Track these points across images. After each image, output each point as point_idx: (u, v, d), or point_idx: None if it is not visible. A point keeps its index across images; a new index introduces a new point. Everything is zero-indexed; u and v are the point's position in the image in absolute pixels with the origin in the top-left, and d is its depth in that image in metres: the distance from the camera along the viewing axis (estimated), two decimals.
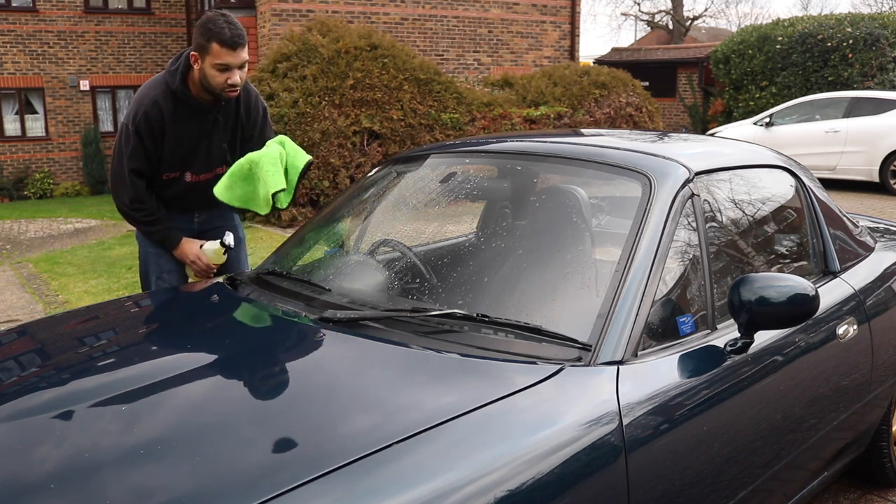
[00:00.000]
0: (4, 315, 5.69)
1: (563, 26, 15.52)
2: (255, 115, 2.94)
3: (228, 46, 2.59)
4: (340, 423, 1.48)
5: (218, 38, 2.58)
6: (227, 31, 2.59)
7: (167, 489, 1.29)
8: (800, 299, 1.84)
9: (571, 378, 1.62)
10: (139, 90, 2.81)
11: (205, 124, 2.81)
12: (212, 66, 2.63)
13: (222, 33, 2.58)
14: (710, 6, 46.93)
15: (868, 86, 14.05)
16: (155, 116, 2.71)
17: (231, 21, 2.63)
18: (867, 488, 2.88)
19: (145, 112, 2.71)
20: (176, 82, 2.70)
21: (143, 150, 2.75)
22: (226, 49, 2.59)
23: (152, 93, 2.74)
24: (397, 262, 2.36)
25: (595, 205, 2.29)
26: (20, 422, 1.57)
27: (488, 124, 10.98)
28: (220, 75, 2.64)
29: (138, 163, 2.76)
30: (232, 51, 2.60)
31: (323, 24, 10.64)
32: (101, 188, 15.57)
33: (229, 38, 2.59)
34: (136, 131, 2.72)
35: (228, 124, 2.87)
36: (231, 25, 2.61)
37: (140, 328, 2.24)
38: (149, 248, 2.97)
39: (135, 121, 2.72)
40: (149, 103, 2.71)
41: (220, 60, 2.61)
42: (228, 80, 2.64)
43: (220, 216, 3.04)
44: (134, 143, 2.74)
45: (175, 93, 2.72)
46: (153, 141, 2.75)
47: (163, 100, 2.72)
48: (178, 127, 2.76)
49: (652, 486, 1.60)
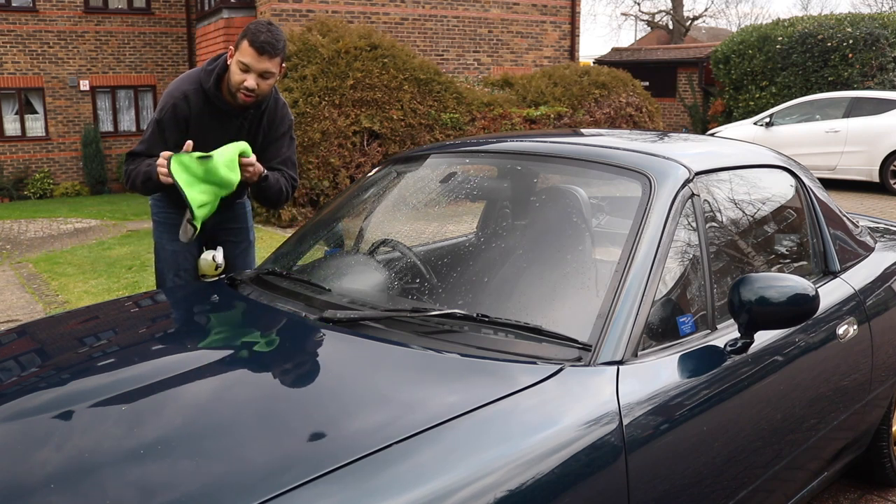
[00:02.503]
0: (4, 315, 5.69)
1: (563, 26, 15.51)
2: (278, 127, 2.93)
3: (255, 48, 2.62)
4: (342, 423, 1.48)
5: (250, 38, 2.62)
6: (261, 35, 2.62)
7: (168, 489, 1.29)
8: (800, 299, 1.84)
9: (571, 378, 1.62)
10: (172, 83, 2.85)
11: (228, 128, 2.82)
12: (236, 63, 2.67)
13: (257, 35, 2.62)
14: (710, 6, 46.96)
15: (868, 86, 14.05)
16: (182, 109, 2.76)
17: (273, 30, 2.66)
18: (867, 488, 2.88)
19: (174, 104, 2.75)
20: (209, 82, 2.74)
21: (161, 139, 2.77)
22: (252, 49, 2.62)
23: (184, 87, 2.78)
24: (397, 262, 2.36)
25: (595, 205, 2.29)
26: (20, 422, 1.57)
27: (488, 124, 10.98)
28: (239, 74, 2.66)
29: (147, 148, 2.78)
30: (257, 54, 2.63)
31: (323, 24, 10.64)
32: (101, 188, 15.56)
33: (260, 41, 2.61)
34: (158, 121, 2.77)
35: (251, 132, 2.88)
36: (270, 33, 2.64)
37: (140, 328, 2.24)
38: (165, 246, 2.99)
39: (161, 112, 2.77)
40: (179, 96, 2.76)
41: (242, 59, 2.64)
42: (245, 82, 2.66)
43: (233, 217, 3.05)
44: (151, 132, 2.79)
45: (206, 92, 2.75)
46: (176, 133, 2.77)
47: (193, 95, 2.76)
48: (202, 125, 2.78)
49: (652, 486, 1.60)
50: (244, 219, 3.11)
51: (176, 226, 2.96)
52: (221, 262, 2.87)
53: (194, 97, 2.76)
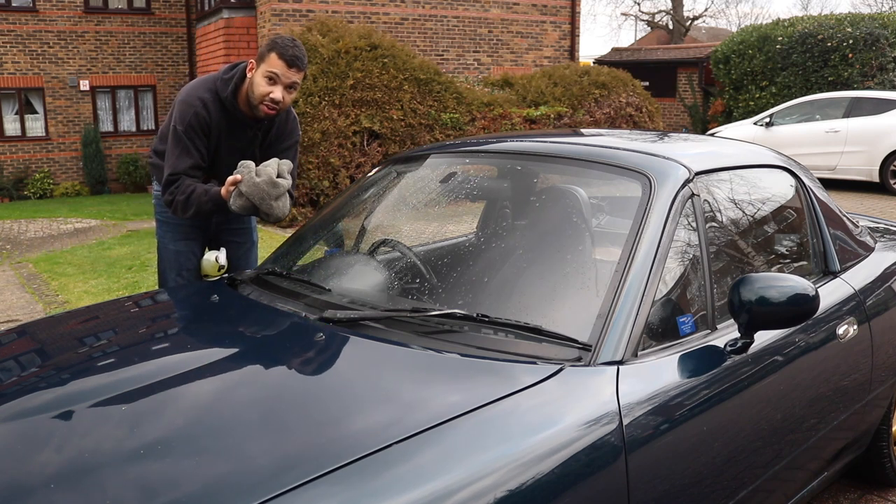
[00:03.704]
0: (4, 315, 5.69)
1: (563, 26, 15.51)
2: (285, 140, 2.93)
3: (285, 60, 2.65)
4: (343, 423, 1.48)
5: (279, 50, 2.66)
6: (290, 50, 2.67)
7: (168, 489, 1.29)
8: (800, 299, 1.84)
9: (571, 378, 1.62)
10: (184, 91, 2.82)
11: (242, 139, 2.83)
12: (262, 75, 2.67)
13: (285, 48, 2.66)
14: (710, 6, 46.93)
15: (868, 86, 14.04)
16: (203, 117, 2.75)
17: (298, 45, 2.71)
18: (867, 488, 2.88)
19: (195, 112, 2.73)
20: (227, 91, 2.74)
21: (196, 149, 2.76)
22: (282, 61, 2.65)
23: (201, 94, 2.76)
24: (397, 262, 2.36)
25: (595, 205, 2.29)
26: (20, 422, 1.57)
27: (488, 124, 10.98)
28: (265, 85, 2.67)
29: (192, 160, 2.76)
30: (287, 66, 2.66)
31: (323, 24, 10.64)
32: (100, 188, 15.56)
33: (290, 54, 2.66)
34: (185, 131, 2.73)
35: (262, 141, 2.89)
36: (296, 48, 2.69)
37: (140, 328, 2.24)
38: (168, 245, 2.99)
39: (184, 122, 2.73)
40: (199, 104, 2.74)
41: (272, 69, 2.66)
42: (271, 94, 2.67)
43: (236, 219, 3.05)
44: (185, 145, 2.74)
45: (223, 101, 2.75)
46: (203, 140, 2.77)
47: (211, 104, 2.75)
48: (218, 134, 2.79)
49: (652, 486, 1.60)
50: (248, 219, 3.11)
51: (179, 225, 2.97)
52: (225, 262, 2.86)
53: (211, 105, 2.75)
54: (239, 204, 2.63)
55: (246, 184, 2.60)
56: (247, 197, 2.60)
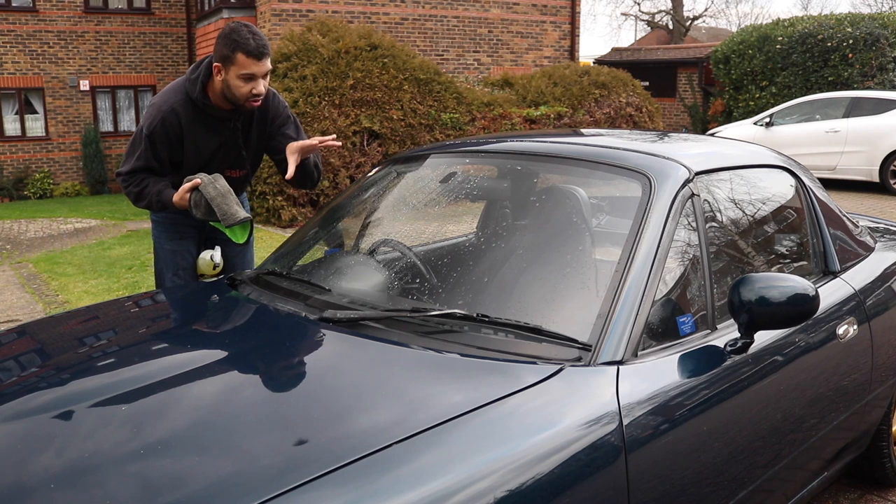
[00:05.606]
0: (4, 315, 5.69)
1: (563, 26, 15.51)
2: (277, 116, 2.92)
3: (254, 56, 2.61)
4: (343, 423, 1.48)
5: (244, 49, 2.60)
6: (252, 42, 2.60)
7: (168, 489, 1.29)
8: (800, 299, 1.84)
9: (572, 378, 1.62)
10: (157, 96, 2.81)
11: (223, 132, 2.82)
12: (237, 77, 2.64)
13: (248, 44, 2.60)
14: (710, 6, 46.95)
15: (868, 86, 14.05)
16: (172, 124, 2.72)
17: (255, 31, 2.65)
18: (867, 488, 2.88)
19: (162, 118, 2.71)
20: (196, 91, 2.71)
21: (154, 154, 2.75)
22: (251, 59, 2.61)
23: (171, 99, 2.74)
24: (397, 262, 2.36)
25: (595, 205, 2.29)
26: (20, 422, 1.57)
27: (488, 124, 10.98)
28: (245, 85, 2.65)
29: (145, 163, 2.77)
30: (257, 61, 2.62)
31: (323, 24, 10.64)
32: (101, 188, 15.56)
33: (255, 48, 2.60)
34: (149, 136, 2.73)
35: (244, 130, 2.88)
36: (256, 36, 2.63)
37: (140, 328, 2.24)
38: (164, 245, 2.99)
39: (150, 126, 2.73)
40: (167, 110, 2.72)
41: (245, 70, 2.62)
42: (253, 90, 2.65)
43: None
44: (144, 147, 2.75)
45: (195, 102, 2.73)
46: (168, 147, 2.76)
47: (181, 108, 2.73)
48: (196, 136, 2.78)
49: (652, 487, 1.60)
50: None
51: (174, 225, 2.98)
52: (220, 261, 2.87)
53: (183, 108, 2.73)
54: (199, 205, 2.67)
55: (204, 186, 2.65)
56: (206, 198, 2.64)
